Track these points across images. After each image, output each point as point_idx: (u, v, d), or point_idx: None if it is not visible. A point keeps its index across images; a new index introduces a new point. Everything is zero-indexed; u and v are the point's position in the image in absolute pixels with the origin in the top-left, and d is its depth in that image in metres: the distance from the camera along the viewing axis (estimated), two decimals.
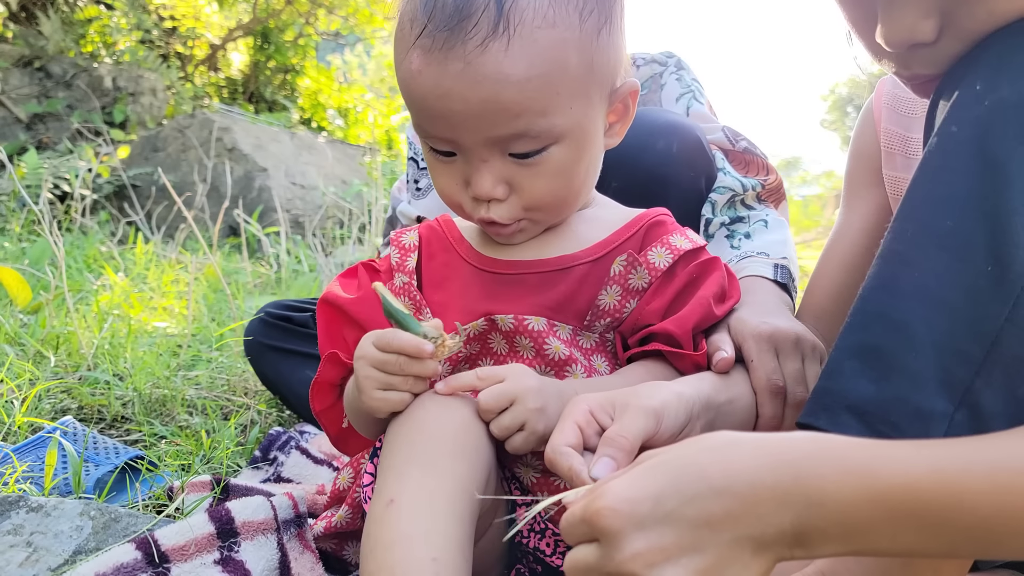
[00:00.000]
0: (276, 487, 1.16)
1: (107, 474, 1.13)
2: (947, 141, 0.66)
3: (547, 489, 0.83)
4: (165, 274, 2.74)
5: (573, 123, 0.80)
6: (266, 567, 0.89)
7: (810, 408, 0.67)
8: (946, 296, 0.62)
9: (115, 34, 6.56)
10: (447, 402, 0.76)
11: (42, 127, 5.35)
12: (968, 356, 0.61)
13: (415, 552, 0.64)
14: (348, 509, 0.89)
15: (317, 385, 0.88)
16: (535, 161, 0.80)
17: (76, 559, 0.87)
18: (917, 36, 0.71)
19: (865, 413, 0.62)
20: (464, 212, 0.86)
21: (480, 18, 0.73)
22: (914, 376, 0.61)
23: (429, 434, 0.73)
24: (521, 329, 0.84)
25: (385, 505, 0.68)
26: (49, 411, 1.43)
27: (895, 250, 0.67)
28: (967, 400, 0.60)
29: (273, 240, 3.81)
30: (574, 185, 0.84)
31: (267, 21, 7.54)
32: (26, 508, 0.90)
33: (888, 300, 0.65)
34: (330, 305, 0.91)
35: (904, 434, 0.61)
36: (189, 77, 7.33)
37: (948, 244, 0.63)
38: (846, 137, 27.11)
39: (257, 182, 4.64)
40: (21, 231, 3.52)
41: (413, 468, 0.70)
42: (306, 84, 7.96)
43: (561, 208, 0.86)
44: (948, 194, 0.64)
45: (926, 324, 0.62)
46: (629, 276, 0.86)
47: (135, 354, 1.74)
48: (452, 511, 0.68)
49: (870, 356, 0.64)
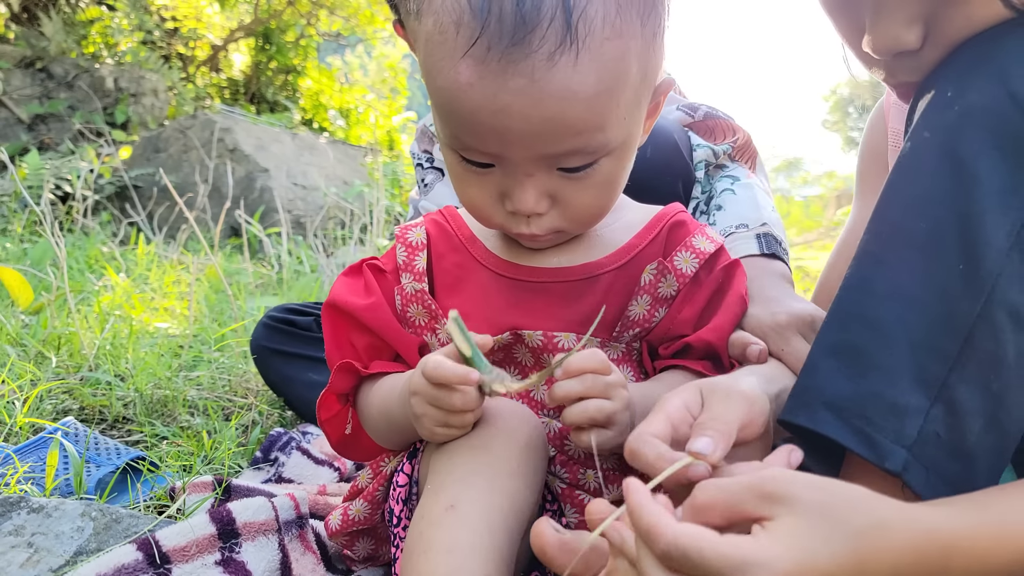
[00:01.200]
0: (277, 488, 1.16)
1: (108, 475, 1.13)
2: (919, 145, 0.68)
3: (571, 501, 0.82)
4: (167, 275, 2.74)
5: (626, 134, 0.75)
6: (267, 568, 0.89)
7: (790, 406, 0.68)
8: (919, 294, 0.64)
9: (117, 35, 6.56)
10: (510, 422, 0.74)
11: (44, 128, 5.35)
12: (942, 352, 0.62)
13: (473, 564, 0.63)
14: (366, 505, 0.87)
15: (327, 395, 0.86)
16: (585, 175, 0.75)
17: (77, 560, 0.87)
18: (902, 44, 0.73)
19: (842, 409, 0.64)
20: (494, 223, 0.81)
21: (548, 30, 0.65)
22: (889, 372, 0.63)
23: (490, 449, 0.72)
24: (550, 347, 0.82)
25: (444, 509, 0.67)
26: (50, 412, 1.43)
27: (869, 251, 0.69)
28: (942, 395, 0.62)
29: (274, 241, 3.81)
30: (616, 195, 0.81)
31: (268, 22, 7.55)
32: (27, 509, 0.90)
33: (863, 299, 0.67)
34: (337, 311, 0.88)
35: (879, 428, 0.62)
36: (191, 78, 7.34)
37: (921, 244, 0.65)
38: (848, 138, 27.09)
39: (258, 183, 4.65)
40: (23, 232, 3.52)
41: (478, 479, 0.69)
42: (307, 85, 7.96)
43: (600, 217, 0.82)
44: (920, 196, 0.66)
45: (900, 322, 0.64)
46: (659, 285, 0.84)
47: (136, 355, 1.75)
48: (507, 528, 0.68)
49: (846, 354, 0.66)
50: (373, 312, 0.86)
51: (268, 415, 1.62)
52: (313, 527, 0.99)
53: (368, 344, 0.86)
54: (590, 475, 0.83)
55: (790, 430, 0.69)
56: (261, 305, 2.43)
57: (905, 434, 0.62)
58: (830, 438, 0.64)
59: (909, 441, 0.62)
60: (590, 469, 0.83)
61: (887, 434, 0.62)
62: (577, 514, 0.82)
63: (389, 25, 8.22)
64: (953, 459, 0.63)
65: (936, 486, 0.62)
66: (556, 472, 0.83)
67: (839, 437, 0.63)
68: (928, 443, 0.62)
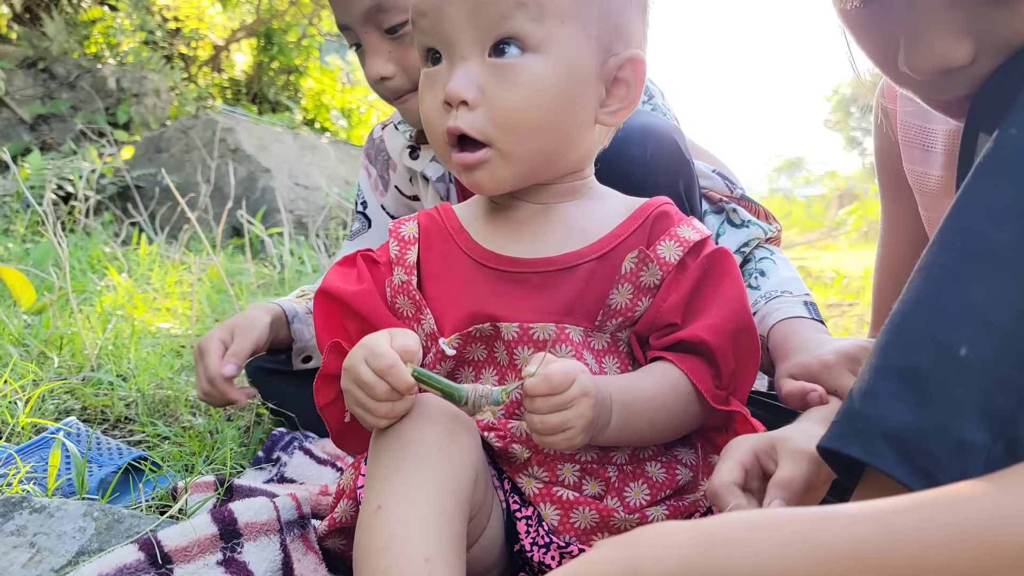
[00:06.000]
0: (279, 488, 1.16)
1: (110, 475, 1.13)
2: (1006, 145, 0.60)
3: (549, 499, 0.83)
4: (169, 275, 2.74)
5: (561, 44, 0.79)
6: (269, 568, 0.88)
7: (839, 432, 0.61)
8: (996, 317, 0.56)
9: (119, 35, 6.56)
10: (428, 408, 0.75)
11: (46, 128, 5.36)
12: (1012, 384, 0.55)
13: (407, 553, 0.65)
14: (351, 503, 0.87)
15: (321, 378, 0.86)
16: (513, 64, 0.78)
17: (79, 560, 0.87)
18: (952, 61, 0.68)
19: (903, 443, 0.57)
20: (439, 134, 0.83)
21: None
22: (958, 404, 0.56)
23: (411, 440, 0.72)
24: (525, 339, 0.82)
25: (374, 512, 0.68)
26: (53, 412, 1.43)
27: (940, 263, 0.61)
28: (1006, 433, 0.55)
29: (276, 241, 3.81)
30: (544, 117, 0.81)
31: (270, 22, 7.54)
32: (29, 509, 0.90)
33: (932, 318, 0.59)
34: (329, 297, 0.89)
35: (943, 467, 0.55)
36: (192, 78, 7.34)
37: (1002, 258, 0.57)
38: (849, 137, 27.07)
39: (260, 183, 4.65)
40: (25, 232, 3.52)
41: (398, 474, 0.70)
42: (309, 85, 7.96)
43: (529, 140, 0.81)
44: (1004, 203, 0.59)
45: (972, 346, 0.56)
46: (640, 273, 0.84)
47: (139, 355, 1.75)
48: (441, 512, 0.68)
49: (910, 379, 0.58)
50: (364, 298, 0.87)
51: (270, 415, 1.61)
52: (315, 527, 0.99)
53: (359, 329, 0.86)
54: (568, 469, 0.83)
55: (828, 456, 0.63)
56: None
57: (969, 475, 0.55)
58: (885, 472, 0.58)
59: None
60: (568, 463, 0.83)
61: (952, 475, 0.55)
62: (558, 512, 0.82)
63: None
64: None
65: None
66: (533, 473, 0.83)
67: (900, 476, 0.56)
68: None
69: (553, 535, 0.82)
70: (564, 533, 0.82)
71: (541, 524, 0.82)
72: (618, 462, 0.85)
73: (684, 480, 0.86)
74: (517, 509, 0.83)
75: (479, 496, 0.76)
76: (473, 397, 0.73)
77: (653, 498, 0.84)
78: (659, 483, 0.85)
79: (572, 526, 0.82)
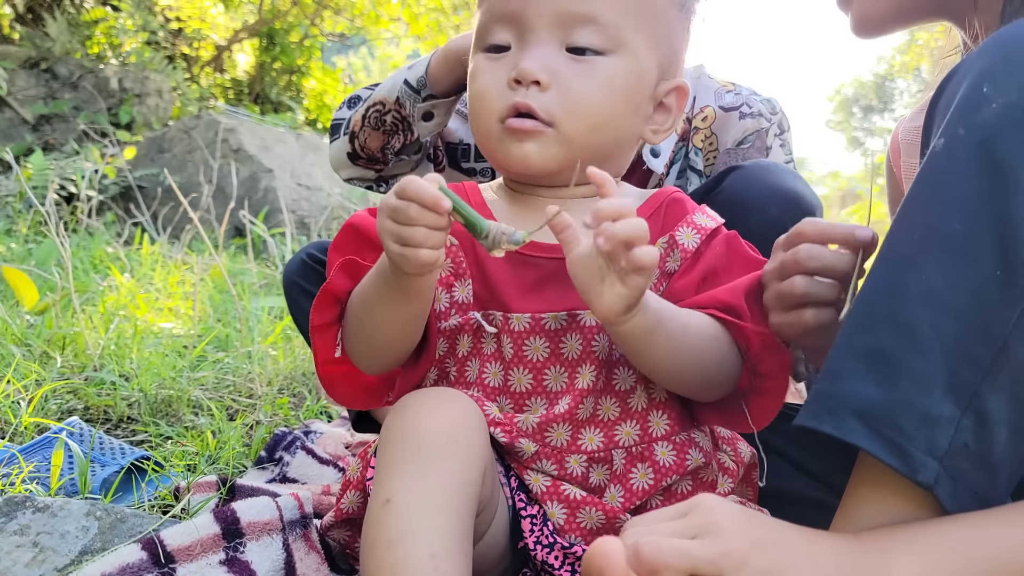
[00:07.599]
0: (282, 487, 1.16)
1: (113, 474, 1.13)
2: (954, 143, 0.65)
3: (556, 498, 0.82)
4: (171, 275, 2.74)
5: (634, 49, 0.82)
6: (271, 567, 0.89)
7: (812, 411, 0.66)
8: (954, 299, 0.62)
9: (121, 35, 6.57)
10: (439, 399, 0.75)
11: (48, 128, 5.37)
12: (975, 360, 0.61)
13: (413, 549, 0.65)
14: (358, 494, 0.86)
15: (323, 294, 0.83)
16: (589, 61, 0.81)
17: (82, 559, 0.87)
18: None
19: (872, 418, 0.62)
20: (494, 114, 0.83)
21: None
22: (922, 380, 0.61)
23: (420, 432, 0.72)
24: (575, 326, 0.82)
25: (381, 505, 0.68)
26: (55, 412, 1.43)
27: (900, 252, 0.66)
28: (973, 404, 0.61)
29: (279, 241, 3.82)
30: (611, 113, 0.83)
31: (273, 22, 7.55)
32: (32, 508, 0.90)
33: (894, 302, 0.64)
34: (354, 229, 0.87)
35: (910, 438, 0.60)
36: (195, 78, 7.35)
37: (956, 247, 0.63)
38: (852, 138, 27.03)
39: (263, 183, 4.65)
40: (28, 232, 3.53)
41: (406, 466, 0.70)
42: (311, 85, 7.97)
43: (591, 132, 0.83)
44: (955, 197, 0.64)
45: (933, 327, 0.62)
46: (667, 259, 0.85)
47: (141, 355, 1.75)
48: (448, 507, 0.68)
49: (876, 359, 0.63)
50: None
51: (272, 415, 1.62)
52: (317, 527, 0.99)
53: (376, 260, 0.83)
54: (575, 460, 0.83)
55: (809, 436, 0.67)
56: (265, 305, 2.44)
57: (937, 445, 0.60)
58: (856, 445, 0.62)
59: (940, 452, 0.60)
60: (575, 454, 0.83)
61: (919, 445, 0.60)
62: (565, 511, 0.82)
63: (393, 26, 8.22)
64: (979, 470, 0.61)
65: (963, 498, 0.61)
66: (541, 467, 0.83)
67: (870, 448, 0.61)
68: (958, 454, 0.60)
69: (558, 535, 0.81)
70: (570, 533, 0.82)
71: (546, 523, 0.82)
72: (626, 445, 0.83)
73: (694, 464, 0.84)
74: (523, 507, 0.83)
75: (486, 491, 0.76)
76: (495, 232, 0.70)
77: (657, 484, 0.83)
78: (666, 467, 0.84)
79: (578, 526, 0.82)
